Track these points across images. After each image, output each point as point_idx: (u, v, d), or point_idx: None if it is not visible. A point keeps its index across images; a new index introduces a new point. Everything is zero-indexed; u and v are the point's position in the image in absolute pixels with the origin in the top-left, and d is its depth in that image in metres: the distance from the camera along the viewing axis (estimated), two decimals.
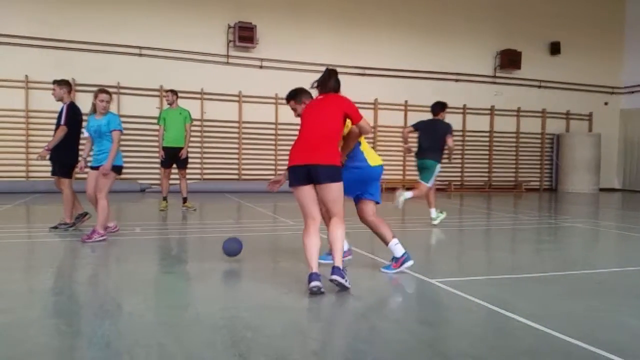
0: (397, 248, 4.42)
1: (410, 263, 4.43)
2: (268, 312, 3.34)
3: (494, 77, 17.47)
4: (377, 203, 4.49)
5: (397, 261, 4.41)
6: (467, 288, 3.93)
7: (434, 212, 7.67)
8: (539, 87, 17.85)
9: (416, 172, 7.92)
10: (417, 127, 7.77)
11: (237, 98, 14.59)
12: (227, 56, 14.60)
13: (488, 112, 17.36)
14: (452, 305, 3.55)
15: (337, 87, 4.14)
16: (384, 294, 3.90)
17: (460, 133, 16.98)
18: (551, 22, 17.74)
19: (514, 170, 17.93)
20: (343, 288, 3.74)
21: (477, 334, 3.02)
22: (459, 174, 17.21)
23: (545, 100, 17.93)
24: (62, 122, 6.37)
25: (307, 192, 3.89)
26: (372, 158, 4.43)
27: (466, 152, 17.21)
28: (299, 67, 14.57)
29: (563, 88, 18.12)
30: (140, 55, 13.76)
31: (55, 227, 6.52)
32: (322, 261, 4.63)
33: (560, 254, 6.02)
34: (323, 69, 4.45)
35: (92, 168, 5.97)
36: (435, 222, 7.60)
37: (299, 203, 3.94)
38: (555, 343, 2.80)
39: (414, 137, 7.95)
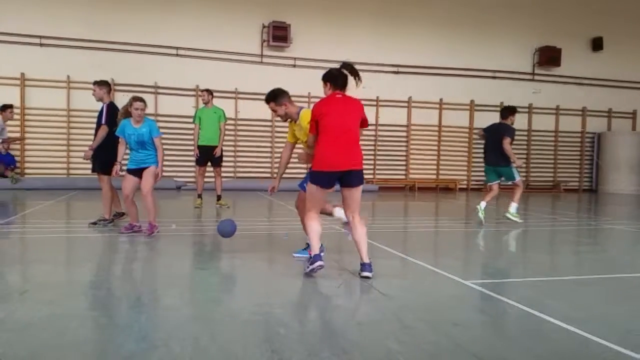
0: (341, 212, 4.65)
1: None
2: (301, 309, 3.37)
3: (533, 74, 17.05)
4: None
5: (345, 224, 4.67)
6: (503, 290, 3.86)
7: (483, 204, 7.76)
8: (580, 84, 17.33)
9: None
10: (485, 130, 8.00)
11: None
12: (261, 55, 14.73)
13: (526, 110, 16.97)
14: (487, 307, 3.50)
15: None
16: (417, 294, 3.87)
17: None
18: (593, 17, 17.19)
19: (552, 170, 17.47)
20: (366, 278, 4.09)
21: (513, 336, 2.97)
22: None
23: (586, 98, 17.39)
24: (103, 121, 6.56)
25: (327, 191, 4.24)
26: None
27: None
28: (332, 66, 14.54)
29: (605, 85, 17.53)
30: (177, 55, 14.04)
31: (95, 223, 6.71)
32: (298, 255, 4.91)
33: (600, 256, 5.84)
34: (357, 67, 4.52)
35: (132, 171, 6.04)
36: (478, 210, 7.68)
37: (315, 199, 4.23)
38: (594, 347, 2.73)
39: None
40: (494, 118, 16.43)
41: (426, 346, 2.72)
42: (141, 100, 5.90)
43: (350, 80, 4.29)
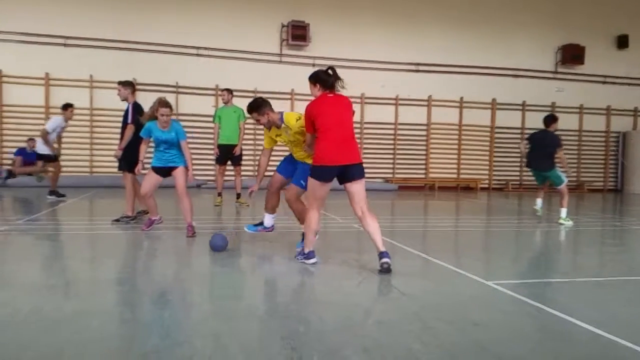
0: (268, 218, 5.28)
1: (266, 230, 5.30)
2: (319, 307, 3.37)
3: (555, 72, 16.78)
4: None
5: (265, 229, 5.30)
6: (526, 291, 3.80)
7: (539, 202, 8.58)
8: (604, 82, 16.99)
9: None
10: (530, 139, 8.40)
11: (289, 96, 14.74)
12: (281, 55, 14.77)
13: (549, 109, 16.67)
14: (510, 308, 3.45)
15: None
16: (438, 294, 3.83)
17: (519, 131, 16.44)
18: (618, 14, 16.83)
19: (575, 170, 17.15)
20: (389, 269, 4.17)
21: (536, 338, 2.92)
22: (518, 174, 16.66)
23: (610, 97, 17.05)
24: (129, 121, 6.70)
25: (329, 187, 4.41)
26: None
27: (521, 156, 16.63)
28: (351, 65, 14.55)
29: (630, 83, 17.16)
30: (198, 55, 14.15)
31: (118, 220, 6.82)
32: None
33: (625, 257, 5.72)
34: (375, 66, 4.58)
35: (157, 169, 6.04)
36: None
37: (319, 195, 4.40)
38: (621, 351, 2.67)
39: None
40: (516, 117, 16.42)
41: (447, 346, 2.69)
42: (167, 105, 5.84)
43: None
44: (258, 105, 4.88)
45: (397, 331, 2.91)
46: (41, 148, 9.99)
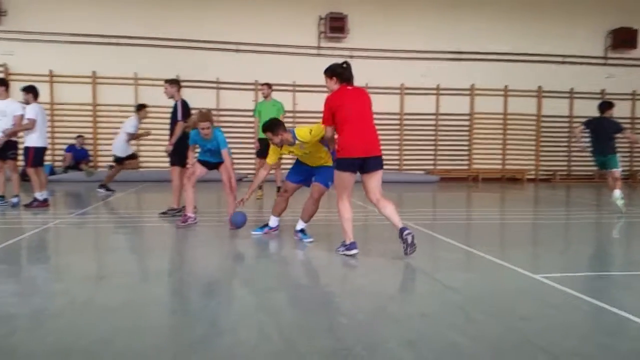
0: (273, 219, 5.61)
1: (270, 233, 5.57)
2: (361, 299, 3.37)
3: (605, 58, 16.06)
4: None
5: (270, 229, 5.59)
6: (574, 284, 3.68)
7: (618, 193, 8.00)
8: None
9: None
10: (588, 125, 8.40)
11: (327, 89, 14.69)
12: (318, 47, 14.75)
13: (598, 96, 15.99)
14: (557, 302, 3.35)
15: None
16: (483, 287, 3.77)
17: (567, 119, 15.88)
18: None
19: (627, 159, 16.40)
20: (413, 243, 4.24)
21: (585, 332, 2.83)
22: (566, 163, 16.10)
23: None
24: (179, 117, 6.92)
25: (354, 176, 4.47)
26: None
27: (573, 138, 16.03)
28: (390, 55, 14.37)
29: None
30: (237, 51, 14.32)
31: (165, 213, 7.02)
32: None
33: None
34: (415, 56, 4.57)
35: (202, 162, 6.27)
36: (619, 203, 7.79)
37: (344, 184, 4.46)
38: None
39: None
40: (564, 105, 15.83)
41: (492, 339, 2.65)
42: (206, 119, 5.97)
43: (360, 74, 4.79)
44: (272, 126, 5.17)
45: (441, 324, 2.88)
46: (122, 150, 10.22)
